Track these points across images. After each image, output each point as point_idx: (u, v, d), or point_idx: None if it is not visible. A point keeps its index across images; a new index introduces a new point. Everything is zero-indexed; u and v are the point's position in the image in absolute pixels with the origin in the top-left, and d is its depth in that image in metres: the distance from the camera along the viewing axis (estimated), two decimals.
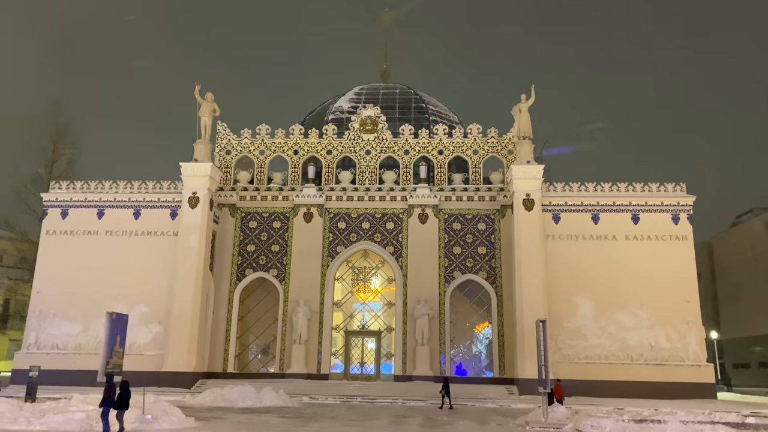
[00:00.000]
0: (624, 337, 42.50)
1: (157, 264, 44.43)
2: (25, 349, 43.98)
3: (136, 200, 46.48)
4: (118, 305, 40.21)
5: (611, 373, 41.26)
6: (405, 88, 57.57)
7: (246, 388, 33.74)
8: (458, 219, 46.70)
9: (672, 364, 41.72)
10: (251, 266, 46.82)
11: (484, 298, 45.91)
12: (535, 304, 41.05)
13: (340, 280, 47.46)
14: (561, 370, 40.56)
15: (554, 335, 40.99)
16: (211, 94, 46.81)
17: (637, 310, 42.82)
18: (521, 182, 43.89)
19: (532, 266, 42.31)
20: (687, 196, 44.95)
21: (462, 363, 47.32)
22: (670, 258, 43.64)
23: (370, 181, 47.91)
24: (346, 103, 55.09)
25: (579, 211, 45.09)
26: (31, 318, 44.54)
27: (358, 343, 46.83)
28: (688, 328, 42.42)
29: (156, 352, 42.79)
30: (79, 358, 42.25)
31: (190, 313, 42.21)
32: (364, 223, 47.14)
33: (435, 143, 48.36)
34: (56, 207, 46.68)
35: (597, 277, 43.38)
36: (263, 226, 47.54)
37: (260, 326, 47.14)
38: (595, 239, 44.52)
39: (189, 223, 44.00)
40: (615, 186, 45.47)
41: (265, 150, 49.23)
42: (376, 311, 47.34)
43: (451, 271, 45.74)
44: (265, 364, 47.37)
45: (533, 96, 45.83)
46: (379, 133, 48.74)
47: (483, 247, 46.13)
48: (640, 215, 44.69)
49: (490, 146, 48.12)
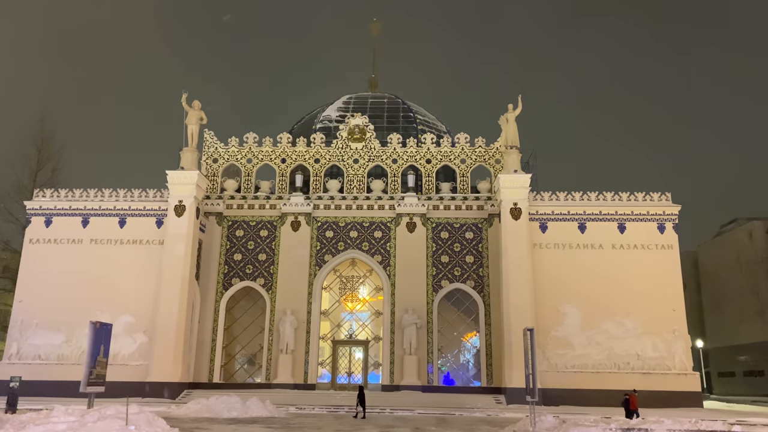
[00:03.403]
0: (611, 346, 42.63)
1: (142, 273, 43.97)
2: (7, 360, 43.22)
3: (122, 208, 46.02)
4: (103, 315, 39.72)
5: (598, 382, 41.31)
6: (393, 97, 57.68)
7: (232, 398, 33.33)
8: (446, 228, 46.72)
9: (658, 373, 41.89)
10: (238, 275, 46.47)
11: (471, 307, 45.87)
12: (522, 313, 41.07)
13: (327, 289, 47.24)
14: (548, 380, 40.60)
15: (542, 344, 41.01)
16: (198, 102, 46.66)
17: (623, 319, 43.01)
18: (508, 191, 44.03)
19: (520, 275, 42.38)
20: (672, 205, 45.32)
21: (450, 372, 47.19)
22: (656, 267, 43.93)
23: (358, 189, 47.83)
24: (334, 112, 55.07)
25: (566, 220, 45.30)
26: (13, 328, 43.82)
27: (346, 352, 46.56)
28: (674, 337, 42.66)
29: (141, 363, 42.24)
30: (62, 369, 41.62)
31: (176, 323, 41.77)
32: (351, 231, 47.01)
33: (423, 152, 48.42)
34: (40, 215, 46.10)
35: (584, 287, 43.53)
36: (250, 235, 47.25)
37: (247, 336, 46.73)
38: (581, 248, 44.71)
39: (175, 231, 43.64)
40: (601, 195, 45.76)
41: (253, 158, 49.02)
42: (364, 320, 47.13)
43: (439, 280, 45.69)
44: (252, 374, 46.94)
45: (520, 106, 46.11)
46: (367, 142, 48.73)
47: (471, 255, 46.13)
48: (626, 224, 44.97)
49: (478, 155, 48.25)
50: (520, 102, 46.12)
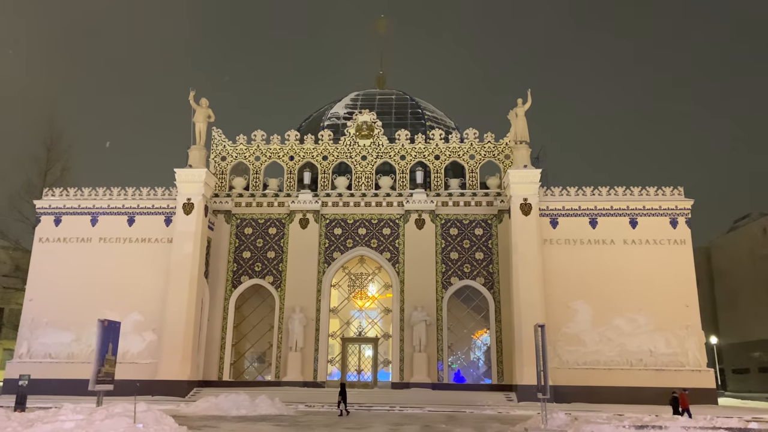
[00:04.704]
0: (623, 342, 42.11)
1: (151, 271, 43.97)
2: (17, 359, 43.37)
3: (130, 207, 46.04)
4: (112, 313, 39.55)
5: (610, 379, 40.85)
6: (401, 93, 57.32)
7: (240, 396, 33.22)
8: (455, 224, 46.36)
9: (672, 370, 41.30)
10: (246, 273, 46.38)
11: (481, 304, 45.52)
12: (533, 309, 40.68)
13: (336, 287, 47.04)
14: (559, 376, 40.19)
15: (553, 341, 40.58)
16: (206, 100, 46.58)
17: (635, 315, 42.46)
18: (518, 187, 43.61)
19: (530, 271, 41.97)
20: (685, 199, 44.69)
21: (460, 370, 46.88)
22: (668, 262, 43.33)
23: (366, 186, 47.57)
24: (342, 109, 54.81)
25: (577, 215, 44.80)
26: (24, 327, 43.96)
27: (355, 350, 46.36)
28: (687, 333, 42.06)
29: (150, 361, 42.25)
30: (72, 367, 41.66)
31: (185, 321, 41.73)
32: (360, 228, 46.77)
33: (431, 148, 48.08)
34: (49, 214, 46.22)
35: (595, 282, 43.03)
36: (259, 233, 47.13)
37: (256, 334, 46.67)
38: (593, 244, 44.19)
39: (183, 229, 43.59)
40: (613, 190, 45.20)
41: (261, 156, 48.90)
42: (373, 318, 46.91)
43: (449, 277, 45.35)
44: (261, 372, 46.86)
45: (530, 100, 45.66)
46: (375, 139, 48.45)
47: (480, 252, 45.76)
48: (638, 219, 44.41)
49: (487, 151, 47.85)
50: (529, 96, 45.67)
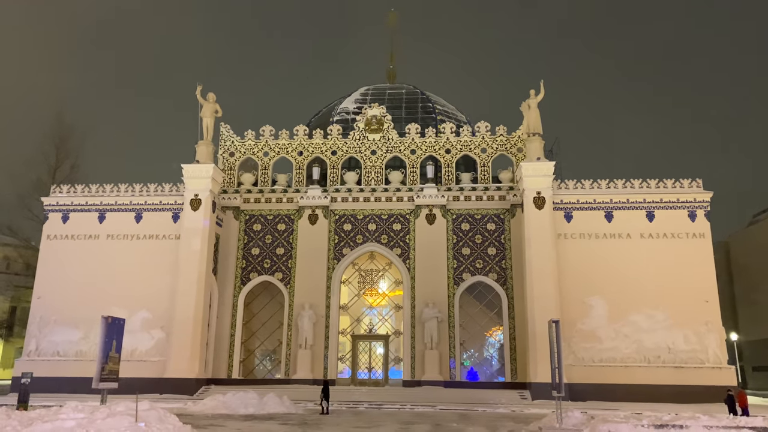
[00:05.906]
0: (640, 338, 40.99)
1: (159, 268, 43.52)
2: (26, 357, 43.16)
3: (138, 203, 45.62)
4: (120, 310, 39.23)
5: (628, 377, 39.78)
6: (411, 88, 56.46)
7: (248, 394, 32.67)
8: (467, 219, 45.46)
9: (691, 367, 40.15)
10: (255, 270, 45.82)
11: (494, 300, 44.60)
12: (547, 305, 39.68)
13: (346, 283, 46.34)
14: (575, 374, 39.21)
15: (567, 338, 39.61)
16: (213, 94, 46.03)
17: (653, 311, 41.32)
18: (531, 180, 42.60)
19: (544, 266, 40.97)
20: (704, 192, 43.42)
21: (473, 367, 45.98)
22: (687, 256, 42.11)
23: (375, 181, 46.81)
24: (352, 103, 54.10)
25: (592, 209, 43.69)
26: (32, 324, 43.74)
27: (366, 347, 45.64)
28: (707, 329, 40.86)
29: (158, 359, 41.80)
30: (80, 365, 41.23)
31: (193, 318, 41.23)
32: (370, 224, 46.02)
33: (442, 142, 47.20)
34: (57, 211, 45.96)
35: (611, 277, 41.93)
36: (267, 229, 46.55)
37: (265, 331, 46.12)
38: (608, 238, 43.08)
39: (191, 226, 43.09)
40: (629, 182, 44.05)
41: (269, 151, 48.29)
42: (384, 315, 46.15)
43: (460, 273, 44.47)
44: (271, 369, 46.31)
45: (542, 91, 44.62)
46: (384, 133, 47.67)
47: (493, 247, 44.84)
48: (655, 212, 43.22)
49: (499, 144, 46.88)
50: (542, 87, 44.65)
